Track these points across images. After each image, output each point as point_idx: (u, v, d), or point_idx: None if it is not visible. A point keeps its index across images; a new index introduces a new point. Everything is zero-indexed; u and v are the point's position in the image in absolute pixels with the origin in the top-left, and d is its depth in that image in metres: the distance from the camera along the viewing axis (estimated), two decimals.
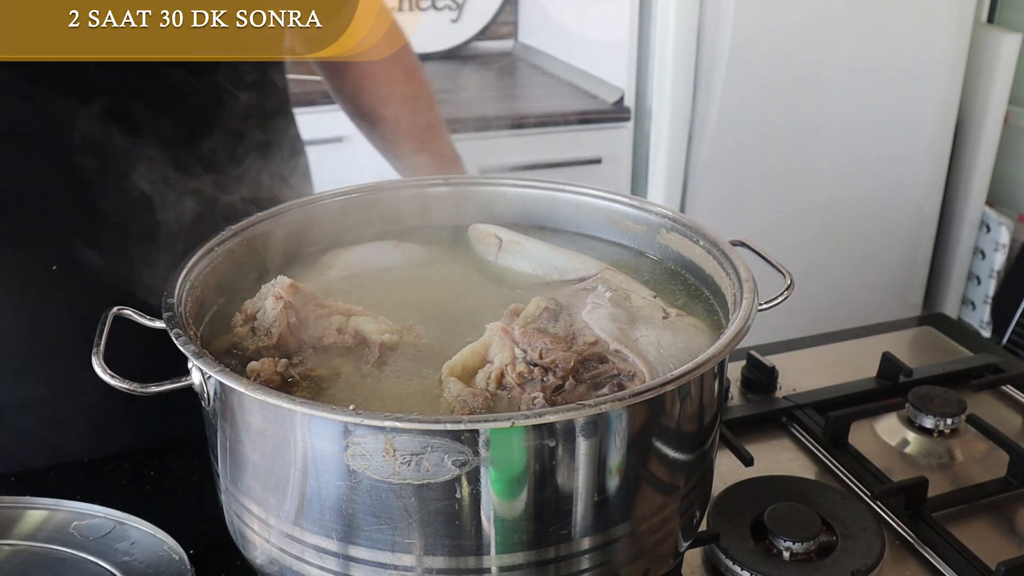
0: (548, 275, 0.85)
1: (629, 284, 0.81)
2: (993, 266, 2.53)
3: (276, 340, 0.71)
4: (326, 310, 0.74)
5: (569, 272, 0.84)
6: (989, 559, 0.81)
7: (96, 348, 0.66)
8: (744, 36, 2.13)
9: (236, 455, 0.66)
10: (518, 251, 0.87)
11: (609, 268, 0.83)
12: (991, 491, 0.91)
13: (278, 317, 0.72)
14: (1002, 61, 2.39)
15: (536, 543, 0.61)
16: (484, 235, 0.89)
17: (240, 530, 0.70)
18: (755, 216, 2.30)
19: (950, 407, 1.00)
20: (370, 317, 0.74)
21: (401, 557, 0.61)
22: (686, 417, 0.66)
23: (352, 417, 0.57)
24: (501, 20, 2.73)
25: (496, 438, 0.57)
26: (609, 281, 0.81)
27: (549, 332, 0.69)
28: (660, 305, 0.78)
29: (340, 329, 0.73)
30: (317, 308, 0.74)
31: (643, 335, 0.71)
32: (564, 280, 0.84)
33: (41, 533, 0.79)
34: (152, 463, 0.95)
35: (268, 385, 0.67)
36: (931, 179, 2.46)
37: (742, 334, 0.65)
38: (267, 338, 0.72)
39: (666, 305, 0.78)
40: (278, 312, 0.72)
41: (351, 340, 0.73)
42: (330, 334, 0.73)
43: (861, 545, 0.82)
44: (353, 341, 0.73)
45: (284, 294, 0.72)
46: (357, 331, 0.73)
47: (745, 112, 2.21)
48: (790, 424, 1.02)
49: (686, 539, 0.73)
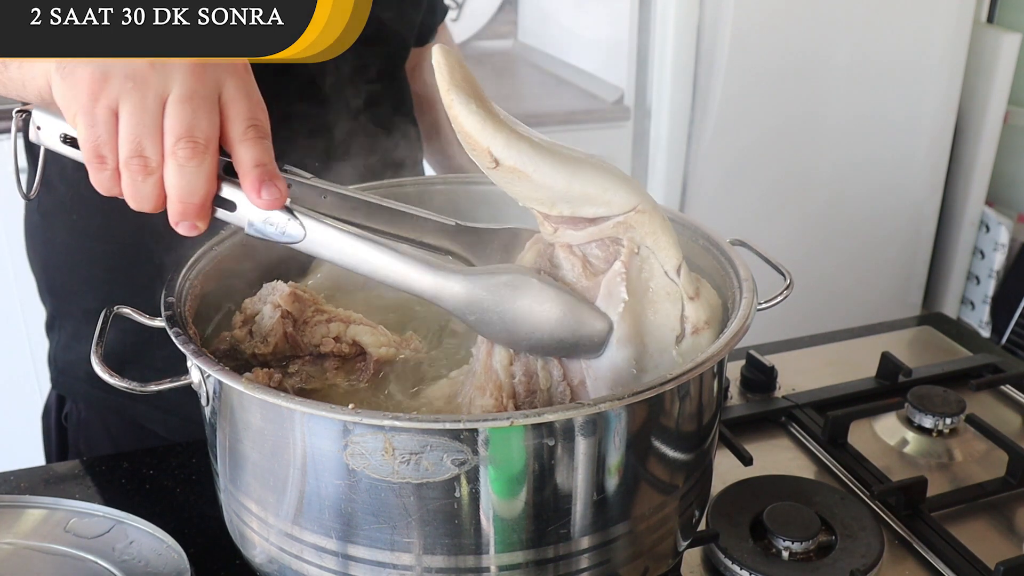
0: (558, 208, 0.66)
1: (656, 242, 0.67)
2: (992, 266, 2.53)
3: (272, 348, 0.71)
4: (326, 316, 0.74)
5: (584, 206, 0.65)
6: (988, 559, 0.81)
7: (95, 347, 0.66)
8: (744, 36, 2.13)
9: (235, 454, 0.66)
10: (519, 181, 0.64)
11: (639, 210, 0.66)
12: (990, 491, 0.91)
13: (274, 327, 0.71)
14: (1002, 61, 2.39)
15: (535, 542, 0.61)
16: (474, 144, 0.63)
17: (239, 529, 0.70)
18: (754, 215, 2.30)
19: (949, 407, 1.00)
20: (369, 327, 0.73)
21: (400, 556, 0.61)
22: (685, 416, 0.66)
23: (351, 416, 0.57)
24: (501, 19, 2.73)
25: (495, 437, 0.57)
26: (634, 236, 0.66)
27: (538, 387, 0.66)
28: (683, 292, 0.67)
29: (338, 337, 0.73)
30: (317, 314, 0.74)
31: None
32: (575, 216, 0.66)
33: (40, 532, 0.79)
34: (151, 462, 0.95)
35: None
36: (931, 179, 2.46)
37: (741, 333, 0.65)
38: (263, 345, 0.71)
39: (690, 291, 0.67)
40: (275, 321, 0.71)
41: (348, 349, 0.73)
42: (327, 343, 0.72)
43: (860, 545, 0.82)
44: (350, 350, 0.73)
45: (282, 303, 0.72)
46: (355, 341, 0.73)
47: (744, 111, 2.21)
48: (789, 424, 1.02)
49: (685, 538, 0.73)
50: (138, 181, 0.60)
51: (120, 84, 0.58)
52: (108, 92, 0.59)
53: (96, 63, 0.59)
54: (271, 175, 0.61)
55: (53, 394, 1.13)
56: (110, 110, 0.59)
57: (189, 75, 0.59)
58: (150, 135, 0.59)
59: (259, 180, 0.61)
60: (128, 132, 0.59)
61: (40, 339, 1.15)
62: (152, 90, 0.59)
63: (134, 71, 0.58)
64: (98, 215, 1.00)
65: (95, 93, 0.59)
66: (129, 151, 0.59)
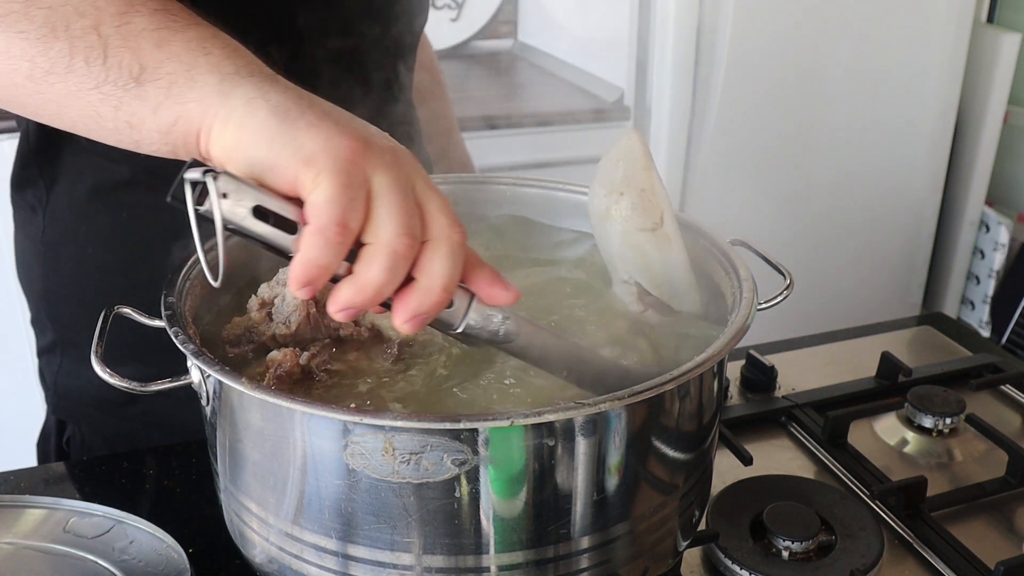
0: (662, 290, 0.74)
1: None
2: (992, 266, 2.52)
3: (295, 329, 0.71)
4: None
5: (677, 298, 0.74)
6: (988, 558, 0.81)
7: (95, 347, 0.66)
8: (744, 35, 2.13)
9: (235, 454, 0.66)
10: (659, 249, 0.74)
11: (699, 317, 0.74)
12: (990, 491, 0.91)
13: (299, 307, 0.71)
14: (1002, 61, 2.39)
15: (535, 542, 0.61)
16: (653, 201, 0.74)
17: (239, 529, 0.70)
18: (754, 215, 2.30)
19: (949, 407, 1.00)
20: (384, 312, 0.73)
21: (400, 556, 0.61)
22: (685, 416, 0.66)
23: (351, 416, 0.57)
24: (501, 19, 2.73)
25: (495, 437, 0.57)
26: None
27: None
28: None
29: (357, 322, 0.73)
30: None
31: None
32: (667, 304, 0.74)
33: (40, 532, 0.79)
34: (151, 462, 0.95)
35: (289, 376, 0.67)
36: (930, 178, 2.46)
37: (741, 333, 0.65)
38: (285, 327, 0.71)
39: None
40: (299, 302, 0.71)
41: (367, 333, 0.73)
42: (348, 326, 0.72)
43: (860, 544, 0.82)
44: (369, 335, 0.73)
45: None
46: (373, 325, 0.73)
47: (745, 111, 2.21)
48: (789, 423, 1.02)
49: (685, 538, 0.73)
50: (400, 265, 0.51)
51: (380, 156, 0.51)
52: (370, 159, 0.50)
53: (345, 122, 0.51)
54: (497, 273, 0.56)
55: (52, 420, 1.08)
56: (366, 180, 0.50)
57: (411, 158, 0.53)
58: (415, 213, 0.51)
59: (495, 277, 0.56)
60: (397, 207, 0.50)
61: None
62: (405, 168, 0.52)
63: (392, 145, 0.52)
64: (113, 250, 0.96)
65: (357, 154, 0.49)
66: (399, 228, 0.50)
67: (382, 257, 0.50)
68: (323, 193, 0.49)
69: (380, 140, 0.52)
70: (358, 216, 0.50)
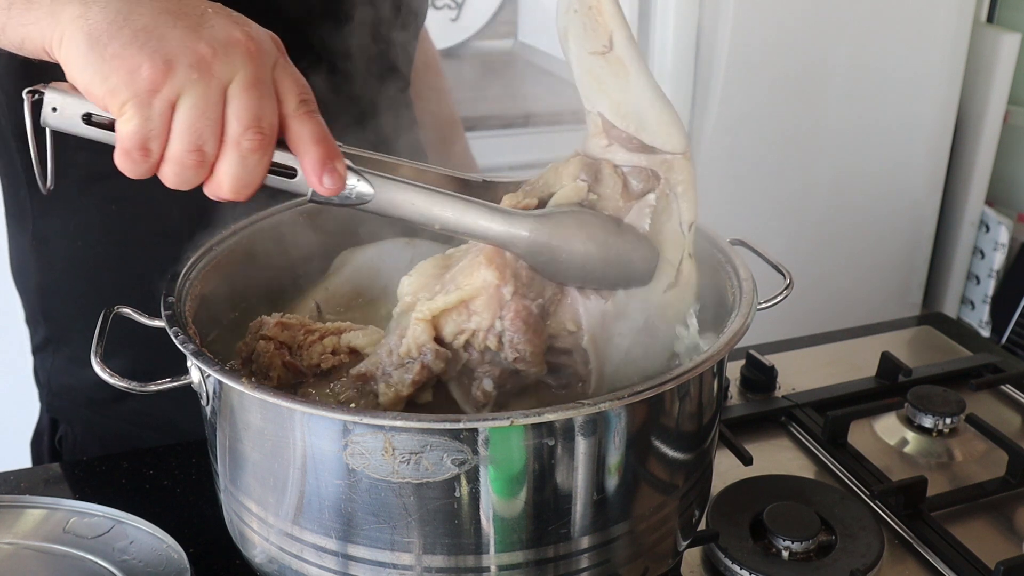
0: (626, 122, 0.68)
1: (685, 193, 0.69)
2: (992, 266, 2.52)
3: (276, 381, 0.70)
4: (317, 333, 0.73)
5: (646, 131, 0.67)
6: (988, 558, 0.81)
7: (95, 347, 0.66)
8: (744, 36, 2.13)
9: (235, 454, 0.66)
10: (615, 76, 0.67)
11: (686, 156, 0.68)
12: (990, 491, 0.91)
13: (271, 360, 0.70)
14: (1002, 61, 2.38)
15: (535, 542, 0.61)
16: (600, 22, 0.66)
17: (239, 529, 0.70)
18: (754, 215, 2.30)
19: (949, 407, 1.00)
20: (358, 330, 0.72)
21: (400, 556, 0.61)
22: (685, 416, 0.66)
23: (351, 416, 0.57)
24: (501, 19, 2.73)
25: (495, 437, 0.57)
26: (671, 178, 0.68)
27: (532, 313, 0.66)
28: (686, 248, 0.70)
29: (335, 350, 0.72)
30: (308, 335, 0.73)
31: (621, 332, 0.68)
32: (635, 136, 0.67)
33: (40, 532, 0.79)
34: (151, 462, 0.95)
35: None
36: (930, 178, 2.46)
37: (741, 333, 0.65)
38: (267, 381, 0.70)
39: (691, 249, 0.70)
40: (271, 354, 0.71)
41: (347, 358, 0.72)
42: (326, 359, 0.72)
43: (860, 544, 0.82)
44: (349, 358, 0.72)
45: (273, 335, 0.71)
46: (350, 347, 0.72)
47: (744, 111, 2.21)
48: (789, 423, 1.02)
49: (685, 538, 0.73)
50: (188, 173, 0.56)
51: (185, 75, 0.54)
52: (172, 84, 0.53)
53: (150, 46, 0.53)
54: (333, 150, 0.58)
55: (46, 418, 1.09)
56: (169, 103, 0.54)
57: (250, 60, 0.55)
58: (212, 128, 0.55)
59: (324, 157, 0.58)
60: (189, 126, 0.54)
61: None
62: (216, 80, 0.54)
63: (199, 60, 0.54)
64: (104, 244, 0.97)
65: (156, 83, 0.53)
66: (187, 145, 0.55)
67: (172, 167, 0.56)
68: (126, 124, 0.54)
69: (188, 59, 0.54)
70: (160, 139, 0.55)
